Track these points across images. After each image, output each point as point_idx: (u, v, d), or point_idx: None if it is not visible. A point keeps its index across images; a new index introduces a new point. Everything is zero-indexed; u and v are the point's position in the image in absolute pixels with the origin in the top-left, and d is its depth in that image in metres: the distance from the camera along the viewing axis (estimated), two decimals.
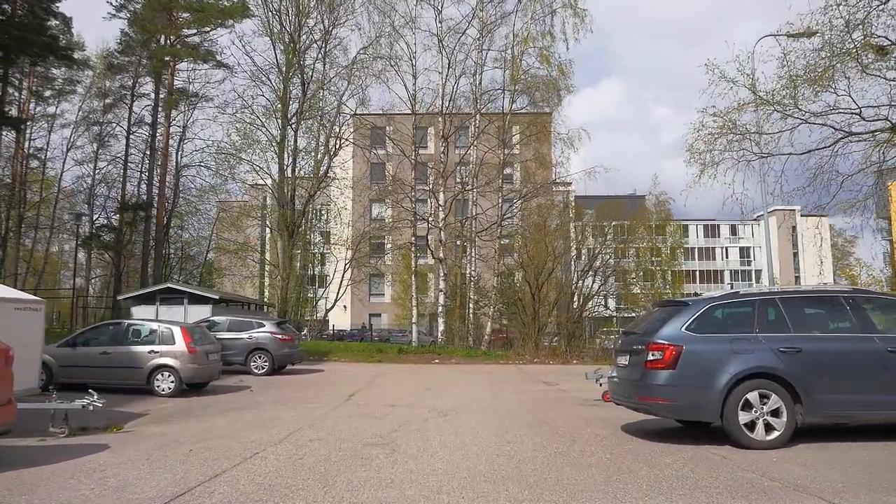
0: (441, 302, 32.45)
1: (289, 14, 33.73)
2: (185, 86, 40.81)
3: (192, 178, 40.39)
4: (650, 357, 7.70)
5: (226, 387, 15.56)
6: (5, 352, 7.16)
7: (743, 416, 7.35)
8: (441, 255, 32.42)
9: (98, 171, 43.63)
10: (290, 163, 33.59)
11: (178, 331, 14.28)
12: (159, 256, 39.12)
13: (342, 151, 35.46)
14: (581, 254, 32.73)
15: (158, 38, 39.21)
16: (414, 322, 33.76)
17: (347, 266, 38.89)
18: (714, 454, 7.10)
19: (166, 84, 39.65)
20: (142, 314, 22.81)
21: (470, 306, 33.74)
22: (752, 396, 7.37)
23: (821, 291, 8.62)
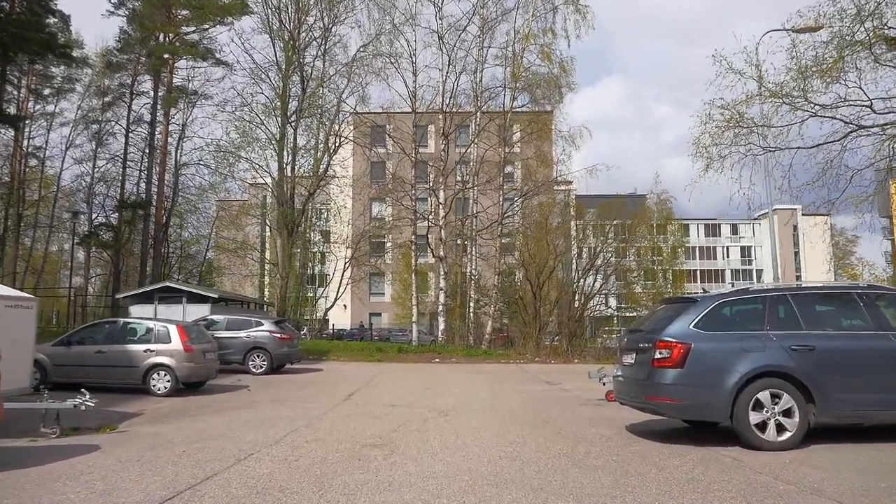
0: (441, 301, 32.21)
1: (288, 11, 33.48)
2: (185, 84, 40.62)
3: (191, 177, 40.17)
4: (657, 355, 7.45)
5: (223, 386, 15.39)
6: None
7: (754, 417, 7.10)
8: (441, 254, 32.18)
9: (97, 169, 43.36)
10: (290, 161, 33.35)
11: (175, 329, 14.08)
12: (158, 255, 38.89)
13: (342, 149, 35.22)
14: (582, 253, 32.49)
15: (157, 35, 38.98)
16: (414, 321, 33.51)
17: (347, 265, 38.69)
18: (724, 456, 6.86)
19: (165, 82, 39.42)
20: (140, 313, 22.61)
21: (470, 305, 33.55)
22: (763, 396, 7.13)
23: (833, 287, 8.38)
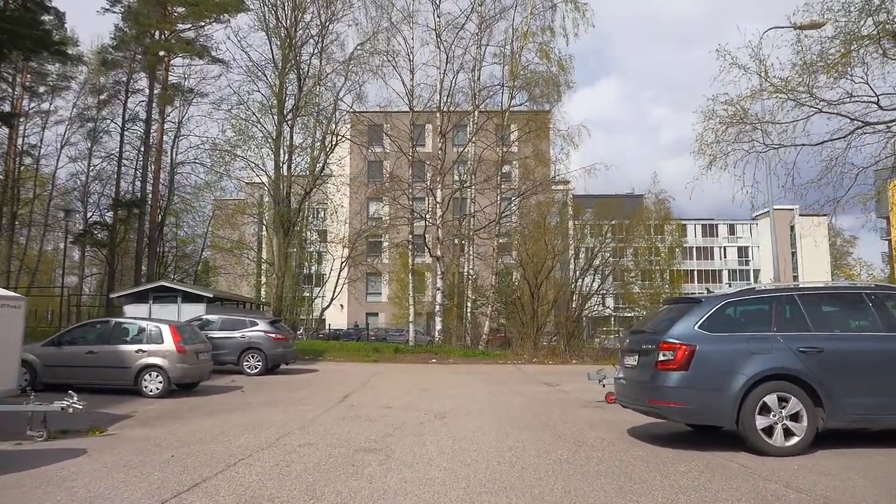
0: (438, 301, 31.97)
1: (285, 8, 33.24)
2: (181, 81, 40.26)
3: (186, 176, 39.83)
4: (661, 357, 7.22)
5: (217, 387, 15.15)
6: None
7: (760, 421, 6.87)
8: (438, 254, 31.94)
9: (92, 168, 43.11)
10: (286, 160, 33.09)
11: (167, 329, 13.82)
12: (153, 254, 38.55)
13: (339, 148, 34.96)
14: (580, 253, 32.28)
15: (153, 32, 38.68)
16: (411, 321, 33.29)
17: (344, 264, 38.45)
18: (730, 462, 6.63)
19: (161, 80, 39.09)
20: (135, 312, 22.38)
21: (468, 305, 33.33)
22: (771, 399, 6.90)
23: (842, 288, 8.15)
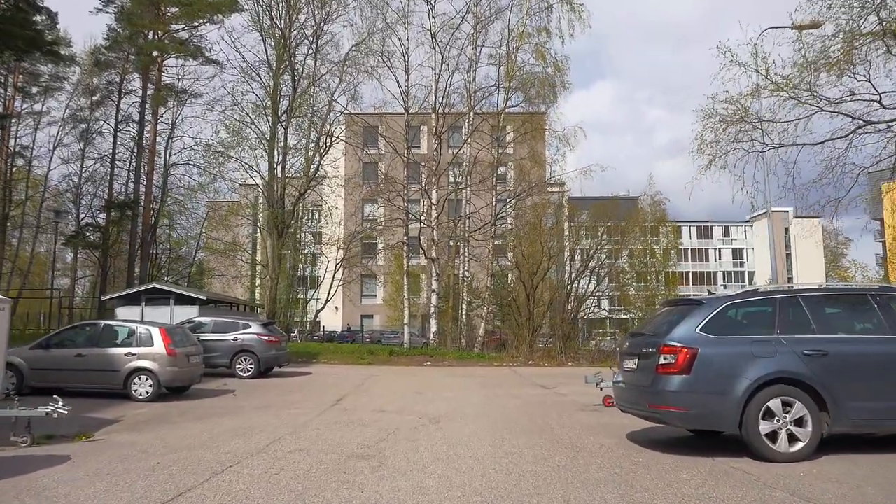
0: (433, 303, 31.77)
1: (279, 9, 33.01)
2: (174, 82, 40.02)
3: (180, 177, 39.59)
4: (662, 361, 7.03)
5: (208, 391, 14.93)
6: None
7: (764, 426, 6.69)
8: (433, 255, 31.74)
9: (85, 169, 42.77)
10: (281, 161, 32.87)
11: (157, 332, 13.57)
12: (146, 256, 38.24)
13: (333, 149, 34.76)
14: (575, 255, 32.11)
15: (146, 33, 38.40)
16: (406, 323, 33.07)
17: (338, 266, 38.21)
18: (734, 468, 6.44)
19: (154, 80, 38.83)
20: (127, 315, 22.07)
21: (463, 307, 33.13)
22: (774, 404, 6.71)
23: (846, 288, 7.97)
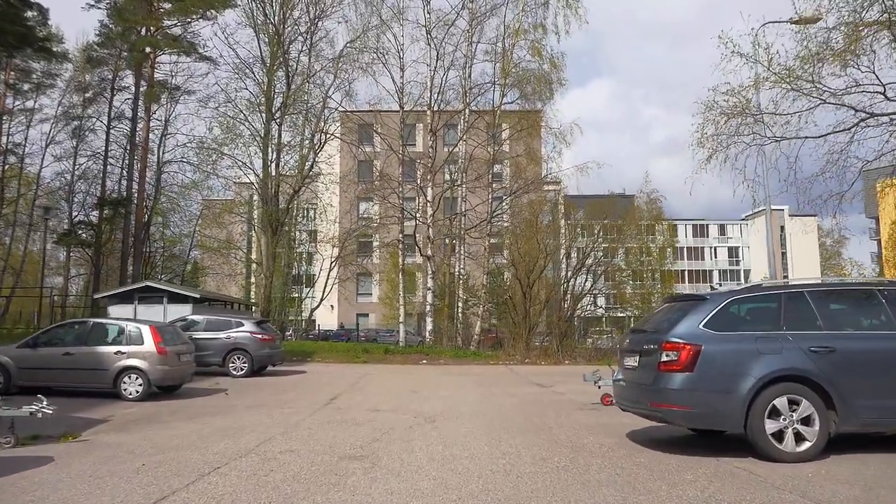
0: (429, 301, 31.55)
1: (273, 5, 32.75)
2: (167, 79, 39.62)
3: (173, 175, 39.26)
4: (664, 358, 6.82)
5: (200, 390, 14.69)
6: None
7: (770, 425, 6.48)
8: (429, 253, 31.52)
9: (78, 166, 42.36)
10: (275, 158, 32.60)
11: (147, 330, 13.32)
12: (139, 254, 37.88)
13: (328, 146, 34.52)
14: (571, 253, 31.93)
15: (139, 29, 38.03)
16: (401, 321, 32.85)
17: (333, 264, 37.97)
18: (739, 469, 6.23)
19: (147, 77, 38.44)
20: (119, 313, 21.86)
21: (459, 305, 32.94)
22: (780, 402, 6.51)
23: (853, 284, 7.78)
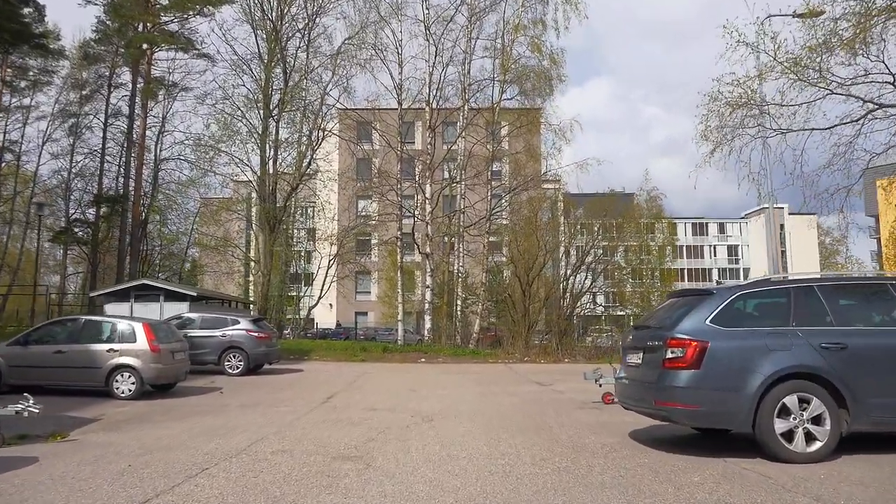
0: (428, 299, 31.32)
1: (270, 1, 32.50)
2: (164, 76, 39.36)
3: (171, 172, 38.99)
4: (669, 355, 6.58)
5: (195, 388, 14.46)
6: None
7: (779, 425, 6.24)
8: (428, 251, 31.28)
9: (75, 164, 42.17)
10: (272, 155, 32.36)
11: (140, 328, 13.08)
12: (136, 252, 37.60)
13: (326, 143, 34.27)
14: (570, 251, 31.71)
15: (135, 25, 37.75)
16: (400, 320, 32.62)
17: (332, 262, 37.72)
18: (748, 470, 6.00)
19: (144, 73, 38.16)
20: (116, 311, 21.68)
21: (458, 303, 32.72)
22: (790, 401, 6.27)
23: (865, 278, 7.53)
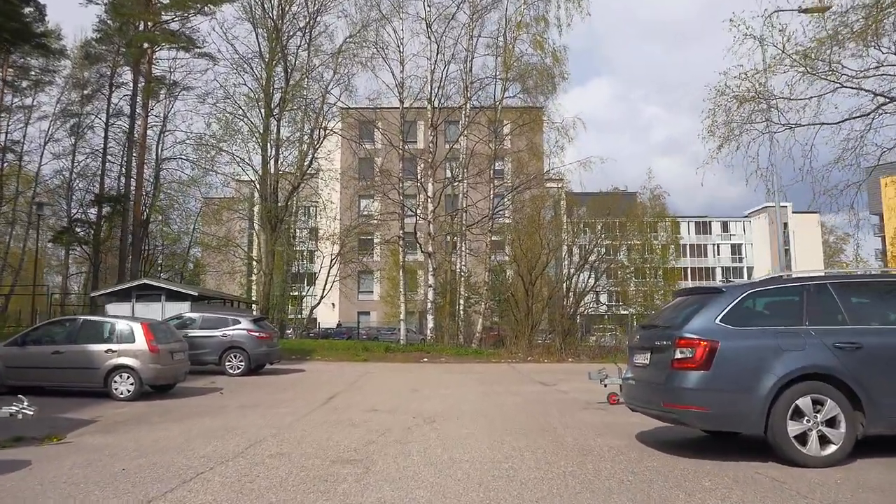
0: (430, 298, 31.14)
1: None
2: (165, 75, 39.24)
3: (172, 172, 38.87)
4: (678, 355, 6.38)
5: (195, 389, 14.31)
6: None
7: (793, 427, 6.03)
8: (430, 250, 31.10)
9: (76, 164, 42.07)
10: (273, 154, 32.21)
11: (139, 328, 12.92)
12: (138, 252, 37.49)
13: (327, 142, 34.13)
14: (573, 250, 31.50)
15: (136, 24, 37.63)
16: (402, 319, 32.43)
17: (334, 261, 37.58)
18: (760, 475, 5.79)
19: (145, 72, 38.03)
20: (117, 311, 21.50)
21: (460, 303, 32.52)
22: (804, 403, 6.07)
23: (880, 276, 7.32)
